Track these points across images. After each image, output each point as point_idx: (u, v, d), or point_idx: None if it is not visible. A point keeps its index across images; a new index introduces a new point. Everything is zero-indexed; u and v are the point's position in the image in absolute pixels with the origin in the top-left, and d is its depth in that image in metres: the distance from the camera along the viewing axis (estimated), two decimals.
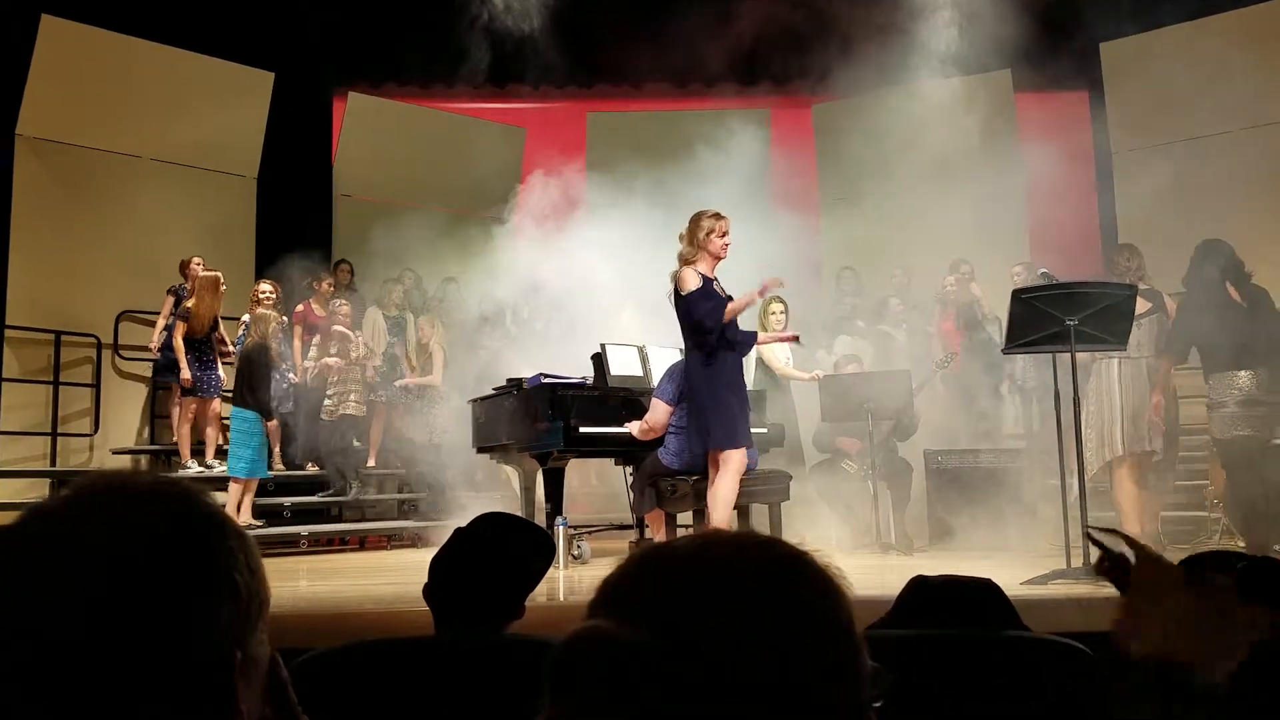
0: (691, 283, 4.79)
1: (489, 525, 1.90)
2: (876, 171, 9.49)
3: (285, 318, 7.81)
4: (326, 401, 7.65)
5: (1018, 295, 4.57)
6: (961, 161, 8.88)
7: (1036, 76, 8.61)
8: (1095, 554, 1.17)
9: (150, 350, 7.91)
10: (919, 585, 1.64)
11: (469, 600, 1.78)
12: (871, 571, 5.09)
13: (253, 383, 6.92)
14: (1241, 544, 5.56)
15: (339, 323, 7.72)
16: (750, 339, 5.03)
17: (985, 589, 1.64)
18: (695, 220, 4.90)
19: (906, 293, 8.26)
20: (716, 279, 4.89)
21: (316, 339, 7.88)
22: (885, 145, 9.34)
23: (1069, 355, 4.47)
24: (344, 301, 7.81)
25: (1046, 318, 4.42)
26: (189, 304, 7.46)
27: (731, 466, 4.76)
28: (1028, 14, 7.63)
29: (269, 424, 7.13)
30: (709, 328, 4.74)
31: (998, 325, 7.25)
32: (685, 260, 4.86)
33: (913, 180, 9.16)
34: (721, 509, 4.78)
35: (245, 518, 6.79)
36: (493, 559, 1.80)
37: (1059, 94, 9.27)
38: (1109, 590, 3.50)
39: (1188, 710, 1.02)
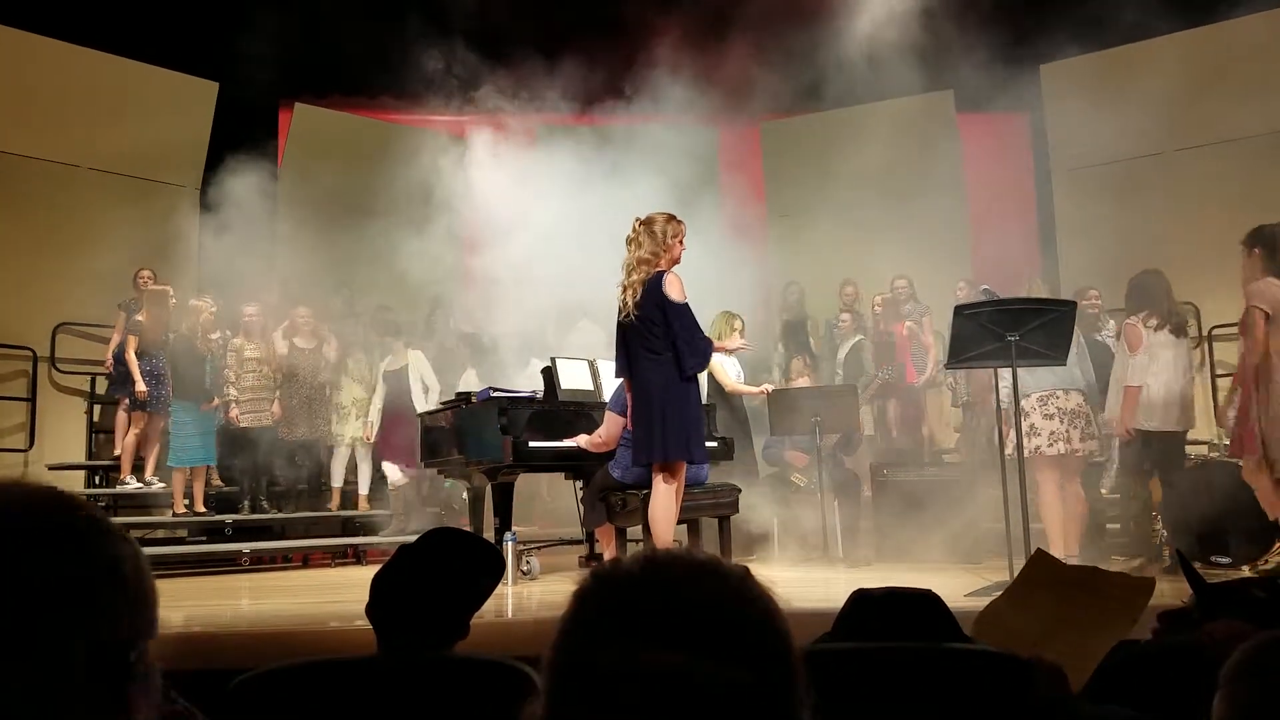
0: (680, 291, 4.60)
1: (434, 542, 1.88)
2: (823, 189, 9.62)
3: (226, 331, 7.70)
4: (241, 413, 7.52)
5: (960, 311, 4.65)
6: (906, 179, 9.06)
7: (978, 97, 8.81)
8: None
9: (106, 366, 7.78)
10: (859, 599, 1.65)
11: (412, 618, 1.75)
12: (819, 584, 5.13)
13: (182, 373, 7.15)
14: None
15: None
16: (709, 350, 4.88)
17: (925, 600, 1.66)
18: (651, 222, 4.67)
19: (854, 307, 8.39)
20: None
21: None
22: (831, 163, 9.49)
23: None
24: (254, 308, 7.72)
25: (988, 333, 4.51)
26: (139, 317, 7.42)
27: (674, 482, 4.70)
28: (970, 36, 7.80)
29: (207, 406, 7.20)
30: (704, 350, 4.67)
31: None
32: (649, 263, 4.61)
33: (858, 197, 9.30)
34: (664, 529, 4.68)
35: (198, 507, 7.22)
36: (437, 576, 1.78)
37: (1000, 115, 9.49)
38: None
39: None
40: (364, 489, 7.97)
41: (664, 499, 4.67)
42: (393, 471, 7.75)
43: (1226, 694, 0.89)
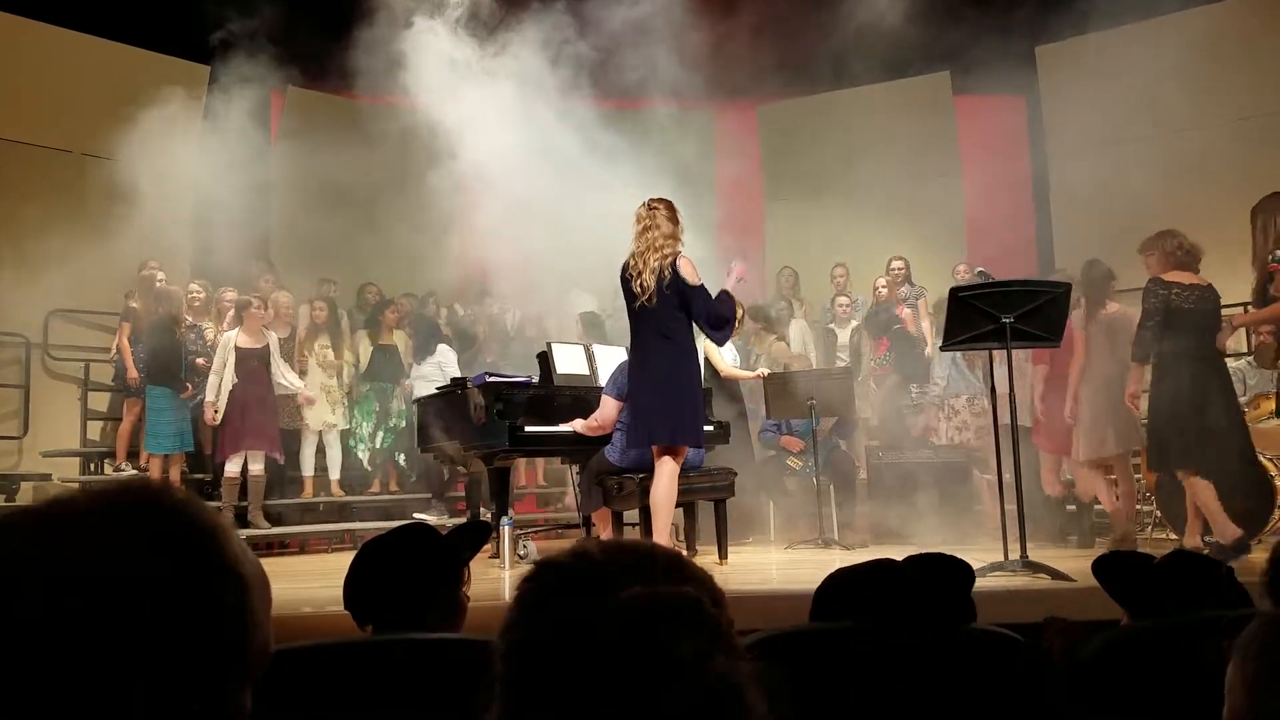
0: (695, 273, 4.65)
1: (391, 532, 1.92)
2: (819, 172, 9.61)
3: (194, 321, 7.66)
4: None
5: (955, 293, 4.65)
6: (902, 162, 9.03)
7: (975, 79, 8.78)
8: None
9: (112, 357, 7.80)
10: (823, 589, 1.67)
11: (389, 599, 1.78)
12: (814, 567, 5.14)
13: (159, 358, 7.07)
14: (1174, 535, 5.74)
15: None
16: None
17: (882, 570, 1.67)
18: (665, 205, 4.72)
19: (847, 291, 8.38)
20: None
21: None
22: (828, 146, 9.47)
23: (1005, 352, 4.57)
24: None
25: (983, 316, 4.50)
26: (133, 304, 7.45)
27: (677, 465, 4.76)
28: (966, 18, 7.77)
29: (184, 395, 7.11)
30: (729, 319, 4.74)
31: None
32: (671, 245, 4.66)
33: (854, 180, 9.29)
34: (667, 511, 4.75)
35: None
36: (404, 563, 1.81)
37: (997, 97, 9.46)
38: (1044, 582, 3.64)
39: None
40: (335, 474, 7.89)
41: (669, 480, 4.73)
42: (258, 461, 7.11)
43: (1240, 664, 0.89)
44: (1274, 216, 4.87)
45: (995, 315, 4.46)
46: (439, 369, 7.63)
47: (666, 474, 4.73)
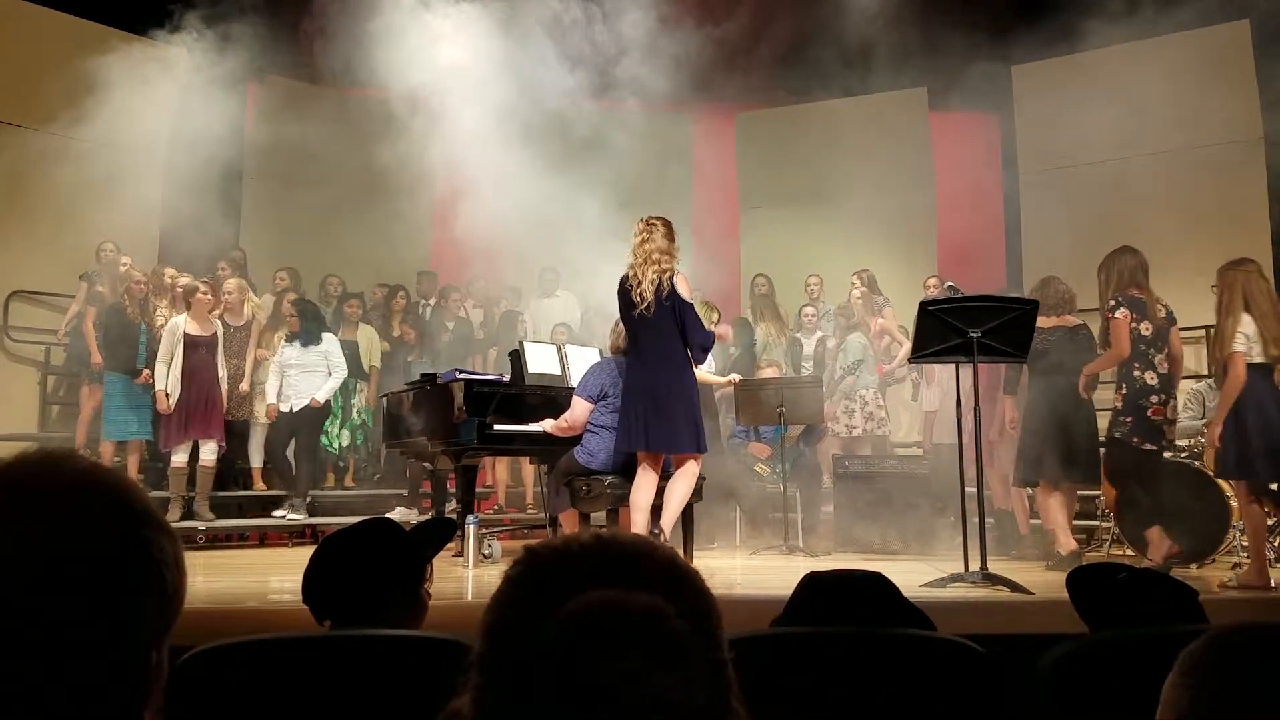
0: (689, 291, 4.85)
1: (352, 527, 1.91)
2: (795, 181, 9.68)
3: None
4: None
5: (924, 307, 4.69)
6: (877, 175, 9.11)
7: (950, 96, 8.88)
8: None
9: (60, 337, 7.69)
10: (810, 583, 1.67)
11: (348, 594, 1.77)
12: (777, 573, 5.17)
13: (116, 343, 6.92)
14: (1130, 552, 5.82)
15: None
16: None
17: (875, 583, 1.68)
18: (659, 224, 4.87)
19: (817, 301, 8.43)
20: None
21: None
22: (804, 156, 9.54)
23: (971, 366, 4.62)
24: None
25: (951, 329, 4.55)
26: (100, 288, 7.30)
27: (656, 476, 4.85)
28: (943, 36, 7.86)
29: (139, 380, 6.93)
30: (707, 350, 4.98)
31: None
32: (668, 261, 4.81)
33: (829, 191, 9.36)
34: (643, 515, 4.81)
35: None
36: (365, 558, 1.81)
37: (971, 115, 9.57)
38: (1003, 594, 3.67)
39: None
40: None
41: (649, 488, 4.82)
42: (209, 450, 6.96)
43: (1180, 684, 0.87)
44: (1114, 268, 5.23)
45: (963, 330, 4.51)
46: (324, 359, 7.34)
47: (648, 481, 4.80)
